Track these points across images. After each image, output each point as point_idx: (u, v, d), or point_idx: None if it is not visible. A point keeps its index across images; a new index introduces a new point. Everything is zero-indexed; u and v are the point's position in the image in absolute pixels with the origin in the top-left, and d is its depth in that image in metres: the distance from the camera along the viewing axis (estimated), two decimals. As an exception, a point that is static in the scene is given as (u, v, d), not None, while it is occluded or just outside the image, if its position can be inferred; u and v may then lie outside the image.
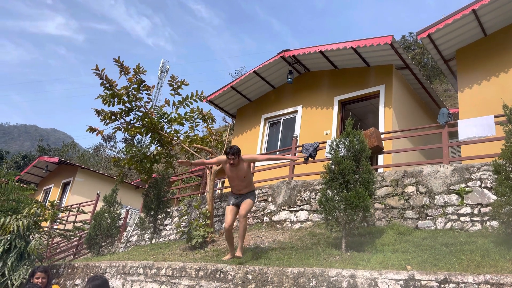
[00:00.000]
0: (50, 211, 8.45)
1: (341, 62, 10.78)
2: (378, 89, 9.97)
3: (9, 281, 6.31)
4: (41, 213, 7.72)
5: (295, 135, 9.31)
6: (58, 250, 12.64)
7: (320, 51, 10.20)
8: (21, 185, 8.91)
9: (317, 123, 10.74)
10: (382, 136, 8.24)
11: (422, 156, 10.55)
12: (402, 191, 6.36)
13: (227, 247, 6.44)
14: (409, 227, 5.87)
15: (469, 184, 5.77)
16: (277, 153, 10.66)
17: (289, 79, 11.15)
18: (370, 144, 7.27)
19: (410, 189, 6.29)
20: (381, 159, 9.10)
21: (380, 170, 8.22)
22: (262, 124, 12.23)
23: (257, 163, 10.49)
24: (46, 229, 8.79)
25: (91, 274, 6.06)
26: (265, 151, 11.73)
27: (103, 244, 9.80)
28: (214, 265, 5.12)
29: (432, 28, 8.53)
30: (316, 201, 7.03)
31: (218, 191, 13.60)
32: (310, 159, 8.36)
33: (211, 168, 8.13)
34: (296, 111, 11.53)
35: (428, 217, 5.90)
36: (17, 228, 6.63)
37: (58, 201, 17.74)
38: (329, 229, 5.62)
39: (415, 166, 6.83)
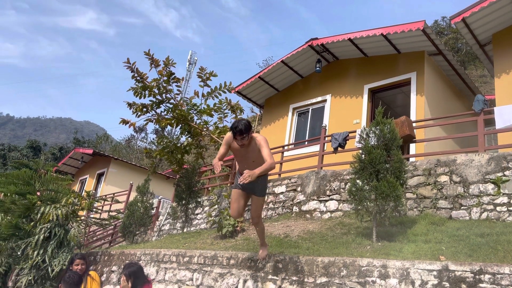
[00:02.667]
0: (86, 201, 8.77)
1: (371, 50, 10.57)
2: (409, 76, 9.73)
3: (49, 268, 6.63)
4: (78, 203, 8.02)
5: (324, 125, 9.24)
6: (94, 238, 13.13)
7: (349, 39, 10.03)
8: (59, 175, 9.28)
9: (346, 112, 10.61)
10: (414, 124, 8.06)
11: (456, 145, 10.25)
12: (435, 181, 6.22)
13: (257, 237, 6.53)
14: (442, 217, 5.75)
15: (506, 173, 5.58)
16: (306, 143, 10.62)
17: (318, 68, 11.04)
18: (401, 133, 7.13)
19: (444, 178, 6.15)
20: (412, 148, 8.91)
21: (411, 159, 8.06)
22: (290, 114, 12.20)
23: (286, 153, 10.49)
24: (83, 218, 9.14)
25: (127, 261, 6.28)
26: (293, 141, 11.70)
27: (137, 232, 10.09)
28: (244, 254, 5.20)
29: (466, 12, 8.22)
30: (346, 191, 6.99)
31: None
32: (339, 148, 8.29)
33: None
34: (325, 101, 11.42)
35: (462, 207, 5.76)
36: (57, 217, 6.93)
37: (93, 191, 18.37)
38: (359, 219, 5.59)
39: (449, 155, 6.66)
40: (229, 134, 4.15)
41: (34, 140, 41.28)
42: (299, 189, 8.12)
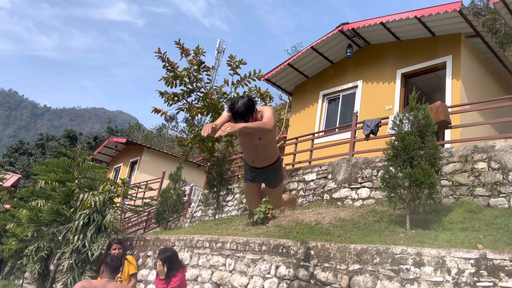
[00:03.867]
0: (121, 188, 9.06)
1: (404, 33, 10.26)
2: (444, 60, 9.39)
3: (89, 252, 6.93)
4: (114, 190, 8.30)
5: (355, 111, 9.11)
6: (129, 224, 13.57)
7: (381, 23, 9.76)
8: (95, 164, 9.61)
9: (378, 98, 10.39)
10: (449, 110, 7.81)
11: (494, 130, 9.87)
12: (471, 167, 6.04)
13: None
14: (479, 205, 5.59)
15: (549, 159, 5.34)
16: (336, 130, 10.50)
17: (348, 54, 10.83)
18: (436, 119, 6.93)
19: (481, 165, 5.95)
20: (448, 134, 8.65)
21: (447, 145, 7.83)
22: (320, 101, 12.07)
23: (316, 140, 10.41)
24: (118, 204, 9.46)
25: (162, 247, 6.47)
26: (323, 128, 11.60)
27: (170, 219, 10.35)
28: (276, 240, 5.25)
29: (507, -9, 7.82)
30: (378, 178, 6.90)
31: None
32: (371, 135, 8.15)
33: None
34: (356, 87, 11.22)
35: (501, 195, 5.57)
36: (94, 204, 7.20)
37: (128, 179, 18.91)
38: (392, 207, 5.51)
39: (487, 141, 6.42)
40: (225, 114, 3.18)
41: (70, 130, 42.77)
42: (330, 176, 8.07)
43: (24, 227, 8.37)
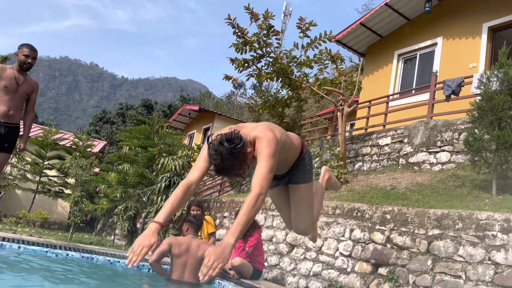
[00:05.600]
0: (197, 153, 9.52)
1: (492, -19, 9.25)
2: (541, 9, 8.36)
3: (171, 212, 7.45)
4: (191, 155, 8.74)
5: (434, 71, 8.54)
6: (205, 187, 14.28)
7: (466, -29, 8.87)
8: (172, 131, 10.13)
9: (460, 56, 9.61)
10: (546, 65, 7.02)
11: None
12: None
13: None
14: None
15: None
16: (413, 91, 9.96)
17: (427, 8, 10.04)
18: (529, 76, 6.28)
19: None
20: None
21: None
22: (395, 61, 11.45)
23: (390, 103, 9.99)
24: (195, 169, 9.96)
25: (237, 209, 6.77)
26: (398, 90, 11.05)
27: (243, 182, 10.72)
28: (350, 204, 5.24)
29: None
30: (460, 142, 6.51)
31: (347, 133, 13.47)
32: (452, 96, 7.64)
33: (343, 110, 8.05)
34: (435, 44, 10.45)
35: None
36: (174, 167, 7.67)
37: (201, 145, 19.74)
38: (476, 171, 5.21)
39: None
40: (204, 151, 2.23)
41: (146, 99, 45.19)
42: (406, 140, 7.76)
43: (113, 189, 9.18)
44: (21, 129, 4.45)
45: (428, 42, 10.60)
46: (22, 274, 3.44)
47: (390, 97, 10.29)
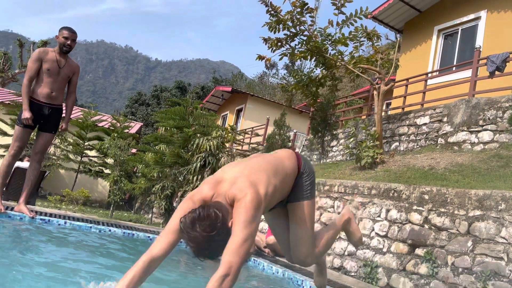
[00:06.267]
0: (230, 134, 9.60)
1: None
2: None
3: (206, 191, 7.60)
4: (225, 135, 8.82)
5: (477, 46, 8.13)
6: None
7: None
8: (206, 112, 10.24)
9: (506, 30, 9.08)
10: None
11: None
12: None
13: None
14: None
15: None
16: (454, 68, 9.55)
17: (470, -20, 9.51)
18: None
19: None
20: None
21: None
22: (434, 37, 10.98)
23: (429, 81, 9.63)
24: (228, 149, 10.08)
25: None
26: (438, 67, 10.62)
27: (276, 163, 10.76)
28: (387, 184, 5.15)
29: None
30: (504, 120, 6.24)
31: (383, 113, 13.16)
32: (497, 72, 7.27)
33: (379, 89, 7.84)
34: (478, 18, 9.91)
35: None
36: (209, 148, 7.77)
37: (234, 126, 19.87)
38: (521, 151, 4.98)
39: None
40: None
41: (180, 81, 45.76)
42: (445, 119, 7.49)
43: (151, 168, 9.43)
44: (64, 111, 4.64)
45: (471, 16, 10.07)
46: (70, 247, 3.64)
47: (429, 75, 9.92)
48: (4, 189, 4.82)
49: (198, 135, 8.41)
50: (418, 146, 7.83)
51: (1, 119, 13.50)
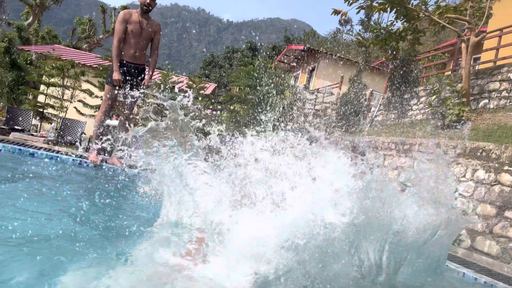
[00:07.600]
0: (300, 95, 9.50)
1: None
2: None
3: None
4: (299, 95, 8.76)
5: None
6: (311, 128, 14.36)
7: None
8: (279, 71, 10.18)
9: None
10: None
11: None
12: None
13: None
14: None
15: None
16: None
17: None
18: None
19: None
20: None
21: None
22: (537, -21, 9.64)
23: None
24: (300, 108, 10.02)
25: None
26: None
27: (351, 123, 10.51)
28: (474, 143, 4.82)
29: None
30: None
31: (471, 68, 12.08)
32: None
33: (468, 41, 7.18)
34: None
35: None
36: (283, 107, 7.81)
37: (307, 85, 19.57)
38: None
39: None
40: None
41: (251, 42, 45.66)
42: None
43: (226, 128, 9.76)
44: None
45: None
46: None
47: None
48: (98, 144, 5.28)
49: (273, 93, 8.45)
50: (511, 103, 7.14)
51: (90, 81, 14.63)
